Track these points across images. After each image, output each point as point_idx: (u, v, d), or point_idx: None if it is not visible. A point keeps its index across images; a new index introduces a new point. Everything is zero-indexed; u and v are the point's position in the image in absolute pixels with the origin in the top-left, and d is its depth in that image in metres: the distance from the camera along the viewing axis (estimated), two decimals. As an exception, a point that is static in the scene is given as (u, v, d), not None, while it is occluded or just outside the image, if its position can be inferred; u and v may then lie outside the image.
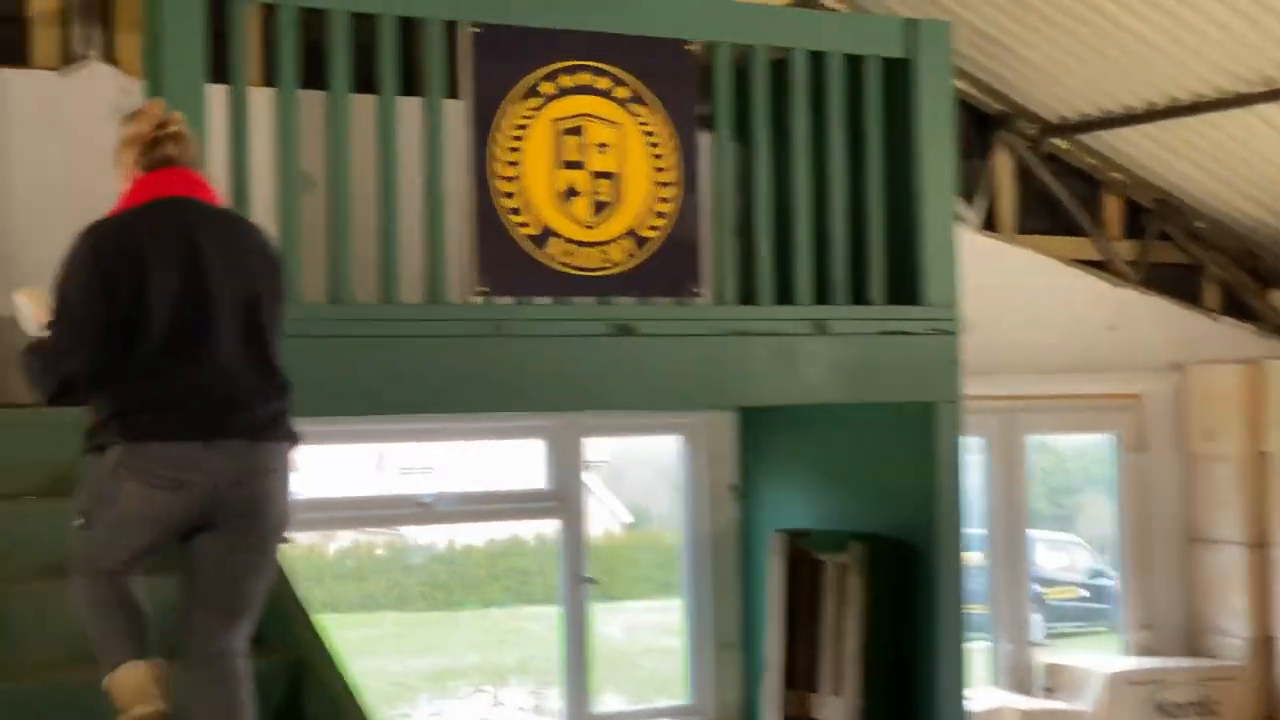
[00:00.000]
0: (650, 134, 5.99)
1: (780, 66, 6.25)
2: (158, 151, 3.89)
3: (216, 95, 5.25)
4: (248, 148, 5.31)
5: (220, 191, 4.22)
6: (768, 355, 6.17)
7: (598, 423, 7.29)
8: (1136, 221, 8.85)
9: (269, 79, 5.51)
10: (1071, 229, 8.65)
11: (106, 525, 3.78)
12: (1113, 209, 8.82)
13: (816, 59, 6.28)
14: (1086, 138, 8.53)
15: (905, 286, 6.44)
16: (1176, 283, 8.90)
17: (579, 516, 7.25)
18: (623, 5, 5.98)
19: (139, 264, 3.74)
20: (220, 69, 5.30)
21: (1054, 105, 8.36)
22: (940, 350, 6.44)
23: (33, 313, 3.89)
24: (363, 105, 5.49)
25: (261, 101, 5.41)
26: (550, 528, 7.29)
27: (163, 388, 3.73)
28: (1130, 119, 8.23)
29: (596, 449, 7.42)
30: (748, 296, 6.22)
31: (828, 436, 7.08)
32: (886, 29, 6.46)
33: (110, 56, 6.34)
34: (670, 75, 6.01)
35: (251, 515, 3.81)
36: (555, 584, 7.23)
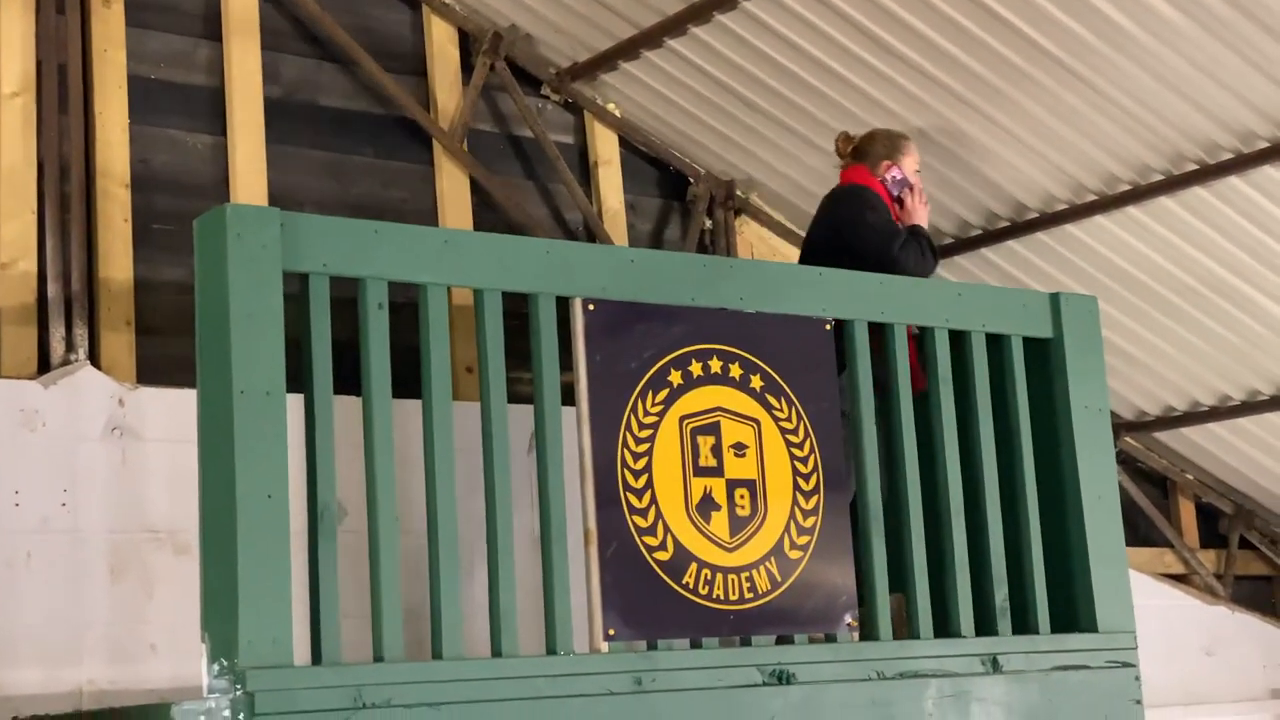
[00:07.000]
0: (789, 431, 4.88)
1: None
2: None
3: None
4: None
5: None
6: (937, 702, 4.96)
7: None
8: (1212, 528, 7.92)
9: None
10: (1149, 539, 7.67)
11: None
12: (1188, 514, 7.88)
13: (956, 338, 5.30)
14: (1163, 435, 7.64)
15: (1070, 610, 5.35)
16: (1261, 596, 7.94)
17: None
18: (754, 278, 4.93)
19: None
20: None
21: (1136, 401, 7.46)
22: (1119, 688, 5.30)
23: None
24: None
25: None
26: None
27: None
28: (1205, 415, 7.39)
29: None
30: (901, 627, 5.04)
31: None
32: (1034, 304, 5.48)
33: (96, 360, 5.09)
34: (807, 361, 4.94)
35: None
36: None
